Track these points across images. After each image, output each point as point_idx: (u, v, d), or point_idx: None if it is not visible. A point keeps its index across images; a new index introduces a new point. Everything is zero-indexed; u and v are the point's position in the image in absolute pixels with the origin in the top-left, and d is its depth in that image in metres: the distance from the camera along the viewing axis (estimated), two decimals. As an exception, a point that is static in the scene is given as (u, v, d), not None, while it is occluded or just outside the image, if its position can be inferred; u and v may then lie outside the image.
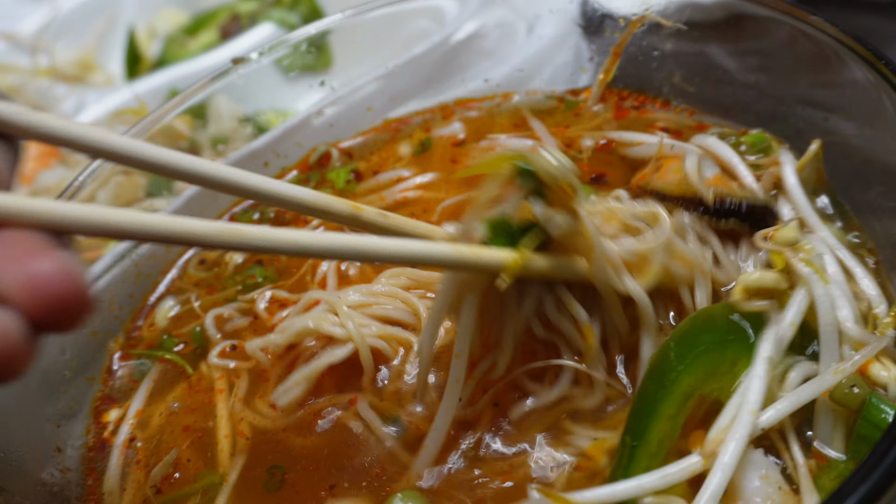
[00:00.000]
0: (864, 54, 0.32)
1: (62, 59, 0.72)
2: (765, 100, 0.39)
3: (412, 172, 0.42)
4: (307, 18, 0.69)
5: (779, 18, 0.36)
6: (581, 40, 0.52)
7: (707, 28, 0.42)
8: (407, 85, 0.49)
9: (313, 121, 0.48)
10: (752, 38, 0.38)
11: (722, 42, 0.40)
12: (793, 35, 0.35)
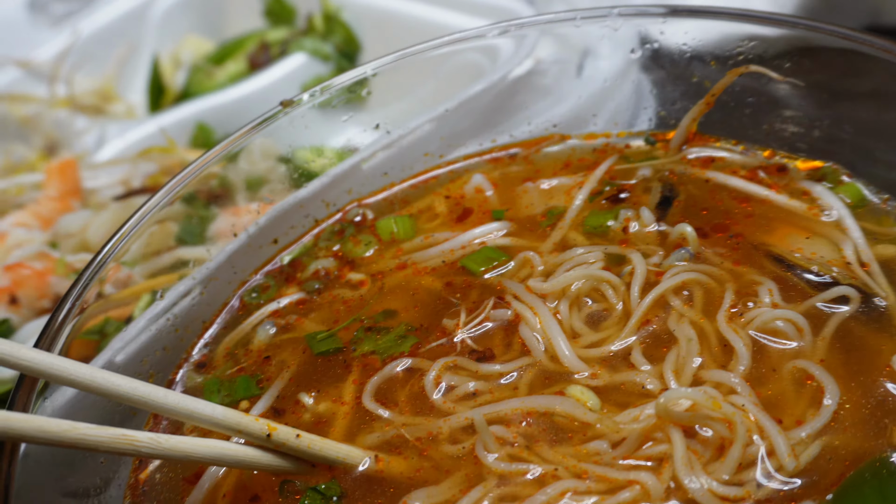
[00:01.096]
0: None
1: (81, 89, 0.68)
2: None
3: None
4: (341, 48, 0.65)
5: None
6: (641, 75, 0.48)
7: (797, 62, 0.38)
8: (463, 126, 0.46)
9: (363, 166, 0.44)
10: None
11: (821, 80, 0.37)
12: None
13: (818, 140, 0.37)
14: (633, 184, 0.39)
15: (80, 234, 0.50)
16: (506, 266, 0.37)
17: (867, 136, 0.35)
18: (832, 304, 0.32)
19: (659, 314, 0.33)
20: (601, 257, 0.36)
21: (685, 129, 0.39)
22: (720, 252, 0.35)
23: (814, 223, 0.35)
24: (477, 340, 0.34)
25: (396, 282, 0.38)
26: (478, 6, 0.57)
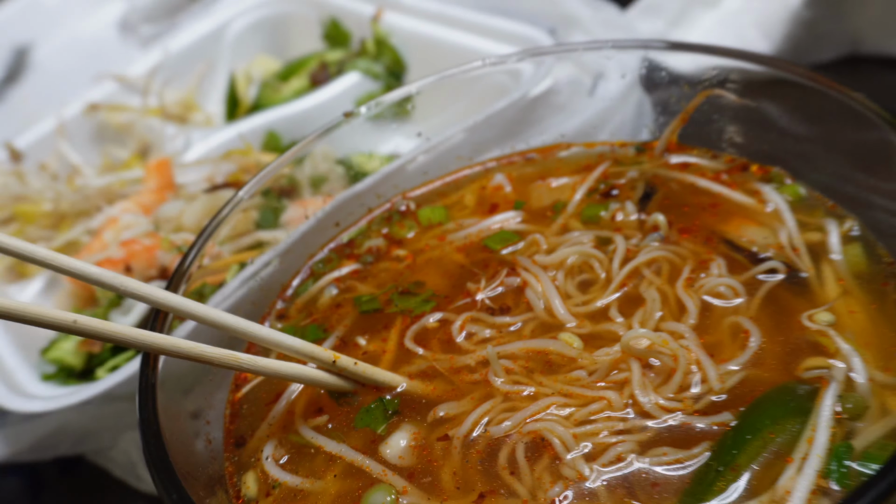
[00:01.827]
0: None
1: (168, 100, 0.79)
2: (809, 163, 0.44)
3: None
4: (390, 68, 0.75)
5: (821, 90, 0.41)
6: (644, 96, 0.57)
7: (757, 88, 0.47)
8: (489, 135, 0.56)
9: (407, 167, 0.54)
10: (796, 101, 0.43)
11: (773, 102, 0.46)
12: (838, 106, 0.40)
13: (768, 149, 0.46)
14: (622, 183, 0.49)
15: (176, 219, 0.61)
16: (518, 245, 0.47)
17: (803, 147, 0.44)
18: (765, 275, 0.41)
19: (633, 281, 0.43)
20: (592, 239, 0.45)
21: (666, 140, 0.49)
22: (685, 236, 0.44)
23: (761, 215, 0.45)
24: (493, 300, 0.44)
25: (432, 256, 0.49)
26: (505, 34, 0.66)
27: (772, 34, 0.67)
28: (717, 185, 0.46)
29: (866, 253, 0.41)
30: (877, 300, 0.39)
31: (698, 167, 0.48)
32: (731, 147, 0.47)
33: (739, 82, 0.45)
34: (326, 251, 0.51)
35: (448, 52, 0.71)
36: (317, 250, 0.50)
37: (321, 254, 0.50)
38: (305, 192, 0.63)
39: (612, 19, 0.71)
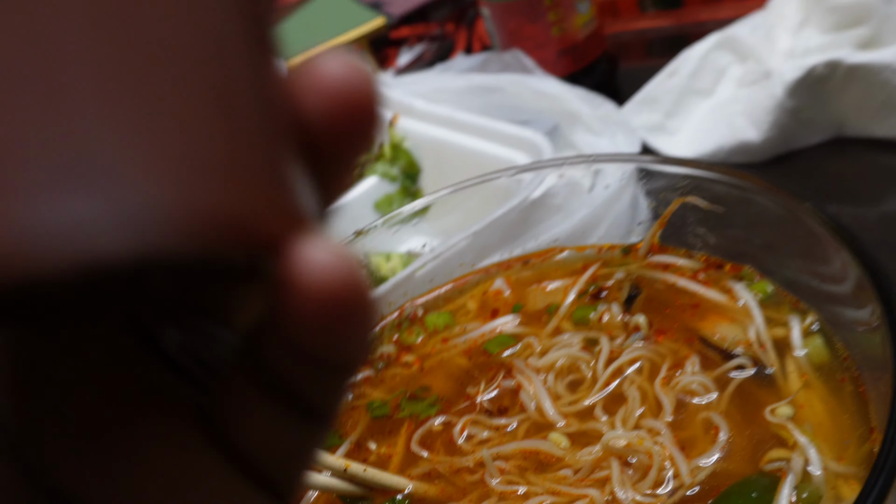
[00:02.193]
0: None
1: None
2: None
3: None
4: (405, 170, 0.81)
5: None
6: (639, 191, 0.62)
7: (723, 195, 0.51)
8: (491, 240, 0.61)
9: (416, 274, 0.59)
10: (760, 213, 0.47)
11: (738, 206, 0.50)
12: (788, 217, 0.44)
13: (738, 248, 0.50)
14: (610, 285, 0.53)
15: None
16: (514, 348, 0.51)
17: (769, 246, 0.48)
18: (735, 372, 0.45)
19: (616, 380, 0.47)
20: (581, 340, 0.50)
21: (649, 242, 0.53)
22: (665, 335, 0.48)
23: (734, 312, 0.49)
24: (491, 402, 0.48)
25: (438, 360, 0.53)
26: (509, 137, 0.72)
27: (760, 122, 0.72)
28: (695, 284, 0.50)
29: (826, 347, 0.44)
30: (834, 393, 0.42)
31: (678, 267, 0.52)
32: (706, 248, 0.51)
33: (708, 189, 0.50)
34: (343, 359, 0.55)
35: (458, 155, 0.76)
36: (334, 359, 0.55)
37: (338, 362, 0.55)
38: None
39: (610, 115, 0.75)
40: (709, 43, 0.82)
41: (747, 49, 0.80)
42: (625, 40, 1.00)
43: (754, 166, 0.73)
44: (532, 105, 0.79)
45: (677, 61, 0.81)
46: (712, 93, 0.80)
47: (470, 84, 0.80)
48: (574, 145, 0.78)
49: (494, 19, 0.83)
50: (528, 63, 0.80)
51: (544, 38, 0.82)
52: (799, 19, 0.80)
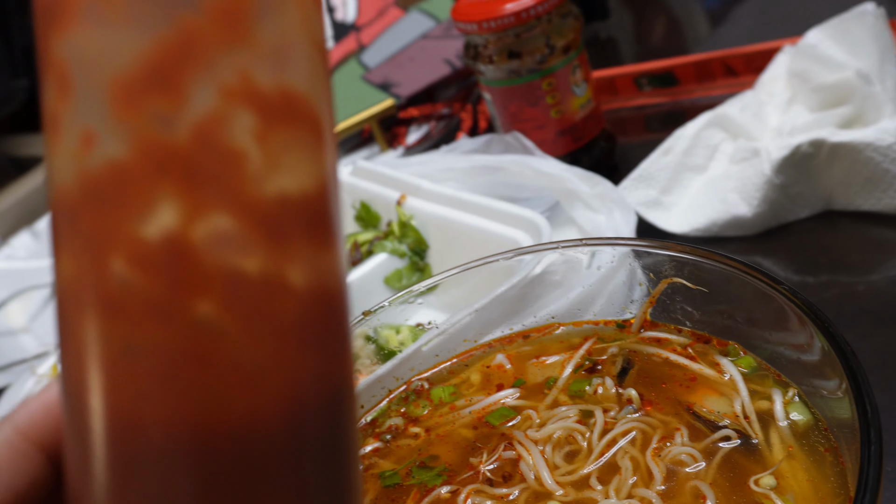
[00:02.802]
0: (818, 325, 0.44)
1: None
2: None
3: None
4: (413, 247, 0.85)
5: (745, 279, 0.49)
6: (636, 266, 0.65)
7: (706, 275, 0.54)
8: (492, 316, 0.64)
9: (422, 349, 0.62)
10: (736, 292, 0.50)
11: (720, 285, 0.53)
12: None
13: (723, 324, 0.53)
14: (604, 359, 0.56)
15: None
16: (515, 420, 0.54)
17: (751, 321, 0.51)
18: (721, 443, 0.48)
19: (610, 451, 0.49)
20: (577, 413, 0.53)
21: (640, 319, 0.56)
22: (656, 407, 0.51)
23: (721, 385, 0.51)
24: (493, 472, 0.51)
25: (443, 432, 0.56)
26: (510, 216, 0.75)
27: (751, 197, 0.75)
28: (684, 358, 0.53)
29: (806, 418, 0.47)
30: (816, 463, 0.45)
31: (668, 342, 0.55)
32: (693, 323, 0.54)
33: (694, 268, 0.53)
34: (353, 432, 0.58)
35: (463, 232, 0.79)
36: (344, 432, 0.58)
37: (348, 434, 0.58)
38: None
39: (608, 192, 0.79)
40: (701, 121, 0.86)
41: (738, 127, 0.84)
42: (622, 116, 1.04)
43: (747, 239, 0.77)
44: (533, 184, 0.83)
45: (671, 139, 0.85)
46: (705, 169, 0.84)
47: (474, 164, 0.85)
48: (574, 221, 0.81)
49: (495, 102, 0.88)
50: (528, 144, 0.84)
51: (544, 119, 0.86)
52: (786, 98, 0.84)
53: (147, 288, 0.18)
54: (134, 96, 0.17)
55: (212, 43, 0.18)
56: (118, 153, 0.17)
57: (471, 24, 0.83)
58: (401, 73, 1.15)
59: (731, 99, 0.88)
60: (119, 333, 0.18)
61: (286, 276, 0.19)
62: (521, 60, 0.84)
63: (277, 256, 0.19)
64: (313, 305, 0.20)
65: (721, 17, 1.25)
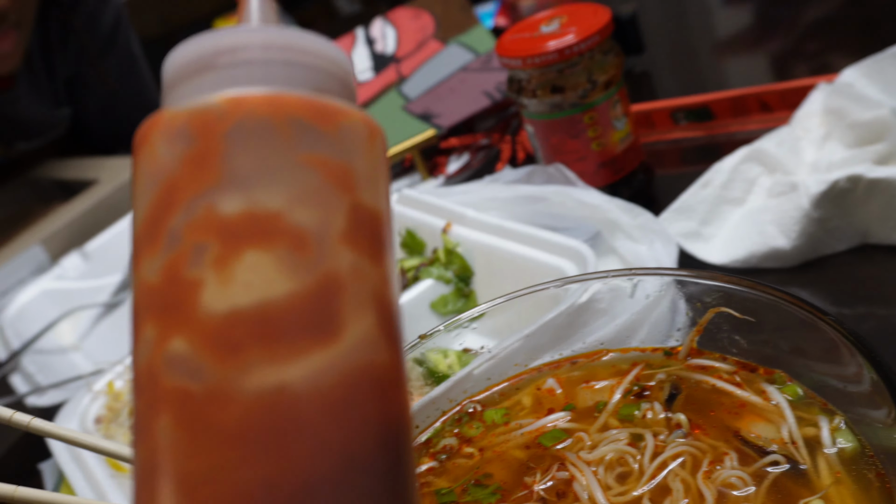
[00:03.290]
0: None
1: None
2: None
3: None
4: (458, 274, 0.87)
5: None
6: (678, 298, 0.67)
7: (752, 305, 0.56)
8: (541, 342, 0.66)
9: (474, 372, 0.65)
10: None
11: (767, 314, 0.55)
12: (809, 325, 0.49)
13: (769, 353, 0.55)
14: (652, 385, 0.59)
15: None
16: (566, 442, 0.57)
17: (797, 351, 0.54)
18: (769, 467, 0.50)
19: (661, 473, 0.52)
20: (627, 436, 0.55)
21: (687, 346, 0.59)
22: (704, 432, 0.53)
23: (767, 412, 0.54)
24: (546, 492, 0.53)
25: (496, 452, 0.58)
26: (553, 245, 0.78)
27: (789, 230, 0.77)
28: (731, 385, 0.55)
29: (853, 445, 0.49)
30: (863, 489, 0.47)
31: (715, 369, 0.57)
32: (739, 352, 0.56)
33: (739, 298, 0.55)
34: (409, 451, 0.61)
35: (508, 260, 0.82)
36: (401, 451, 0.61)
37: (405, 453, 0.61)
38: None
39: (648, 223, 0.82)
40: (739, 155, 0.88)
41: (775, 161, 0.86)
42: (660, 149, 1.07)
43: (785, 271, 0.79)
44: (575, 214, 0.85)
45: (710, 173, 0.87)
46: (744, 202, 0.86)
47: (517, 194, 0.87)
48: (615, 251, 0.84)
49: (538, 135, 0.91)
50: (570, 175, 0.87)
51: (585, 152, 0.89)
52: (822, 134, 0.86)
53: (136, 405, 0.21)
54: (139, 250, 0.22)
55: (185, 188, 0.21)
56: (133, 296, 0.22)
57: (515, 60, 0.86)
58: (441, 104, 1.19)
59: (768, 134, 0.90)
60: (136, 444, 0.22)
61: (230, 387, 0.20)
62: (563, 95, 0.87)
63: (223, 369, 0.20)
64: (261, 409, 0.21)
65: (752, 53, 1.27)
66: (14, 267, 1.21)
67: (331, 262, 0.21)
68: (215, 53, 0.22)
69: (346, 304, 0.22)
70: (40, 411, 0.91)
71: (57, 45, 1.53)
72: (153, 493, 0.21)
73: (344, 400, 0.22)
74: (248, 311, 0.20)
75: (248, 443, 0.20)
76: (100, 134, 1.68)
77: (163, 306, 0.20)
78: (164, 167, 0.21)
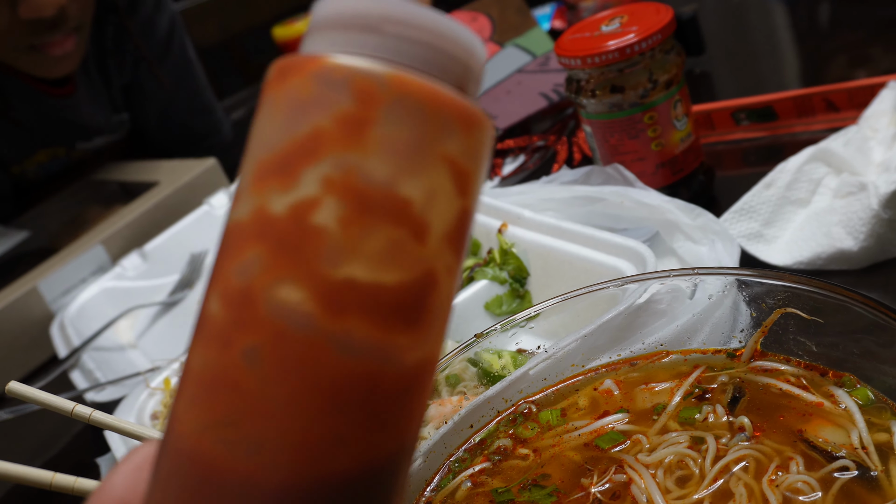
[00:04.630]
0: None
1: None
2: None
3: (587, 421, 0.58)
4: (513, 274, 0.86)
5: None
6: (739, 299, 0.65)
7: (821, 305, 0.54)
8: (599, 343, 0.65)
9: (529, 372, 0.64)
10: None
11: (835, 316, 0.53)
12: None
13: (837, 356, 0.53)
14: (714, 387, 0.57)
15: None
16: (624, 444, 0.55)
17: (868, 354, 0.51)
18: (839, 473, 0.48)
19: (723, 477, 0.50)
20: (687, 439, 0.53)
21: (751, 349, 0.57)
22: (768, 436, 0.52)
23: (835, 416, 0.51)
24: (603, 493, 0.52)
25: (553, 453, 0.57)
26: (611, 245, 0.76)
27: (857, 232, 0.74)
28: (797, 388, 0.54)
29: (928, 452, 0.47)
30: (938, 496, 0.45)
31: (780, 372, 0.55)
32: (806, 355, 0.54)
33: (805, 298, 0.53)
34: (462, 451, 0.60)
35: (564, 261, 0.80)
36: (454, 450, 0.60)
37: (458, 453, 0.60)
38: (443, 391, 0.74)
39: (709, 224, 0.80)
40: (804, 155, 0.86)
41: (842, 161, 0.83)
42: (720, 150, 1.04)
43: (851, 273, 0.76)
44: (633, 215, 0.84)
45: (773, 173, 0.85)
46: (808, 203, 0.83)
47: (574, 195, 0.86)
48: (674, 252, 0.82)
49: (596, 135, 0.89)
50: (628, 175, 0.85)
51: (644, 152, 0.87)
52: (892, 133, 0.83)
53: (221, 319, 0.22)
54: (263, 177, 0.22)
55: (331, 143, 0.22)
56: (241, 216, 0.22)
57: (574, 59, 0.85)
58: (497, 105, 1.18)
59: (834, 134, 0.87)
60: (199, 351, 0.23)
61: (330, 344, 0.22)
62: (623, 95, 0.85)
63: (329, 325, 0.21)
64: (352, 374, 0.22)
65: (815, 53, 1.24)
66: (76, 266, 1.23)
67: (436, 259, 0.22)
68: (383, 19, 0.22)
69: (436, 303, 0.23)
70: (99, 407, 0.93)
71: (112, 51, 1.55)
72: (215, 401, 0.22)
73: (412, 388, 0.23)
74: (364, 282, 0.21)
75: (340, 400, 0.22)
76: (158, 138, 1.71)
77: (281, 240, 0.21)
78: (315, 111, 0.22)
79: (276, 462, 0.21)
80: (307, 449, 0.21)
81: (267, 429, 0.21)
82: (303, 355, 0.21)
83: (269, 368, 0.21)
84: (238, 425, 0.21)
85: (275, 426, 0.21)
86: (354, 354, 0.21)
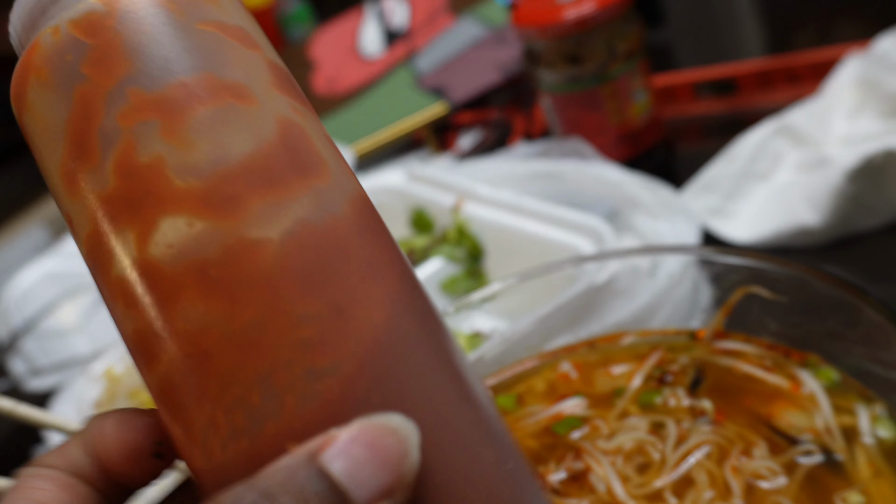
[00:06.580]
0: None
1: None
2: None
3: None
4: (469, 252, 0.84)
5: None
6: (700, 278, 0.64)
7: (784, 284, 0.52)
8: (556, 325, 0.63)
9: (485, 357, 0.61)
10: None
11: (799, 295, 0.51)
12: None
13: (801, 336, 0.51)
14: (675, 370, 0.55)
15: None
16: (582, 430, 0.53)
17: (832, 334, 0.50)
18: (803, 457, 0.46)
19: (684, 463, 0.48)
20: (648, 424, 0.51)
21: (713, 328, 0.55)
22: (730, 420, 0.50)
23: (799, 399, 0.50)
24: (560, 483, 0.50)
25: (507, 441, 0.55)
26: (569, 222, 0.74)
27: (819, 206, 0.73)
28: (760, 370, 0.52)
29: (894, 435, 0.45)
30: (905, 481, 0.43)
31: (742, 353, 0.53)
32: (769, 335, 0.53)
33: (768, 277, 0.51)
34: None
35: (521, 238, 0.78)
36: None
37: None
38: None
39: (670, 200, 0.78)
40: (765, 129, 0.84)
41: (804, 135, 0.82)
42: (681, 123, 1.02)
43: (815, 250, 0.75)
44: (592, 190, 0.81)
45: (735, 147, 0.83)
46: (770, 177, 0.82)
47: (531, 170, 0.83)
48: (634, 229, 0.80)
49: (555, 108, 0.87)
50: (587, 150, 0.83)
51: (603, 126, 0.85)
52: (854, 105, 0.82)
53: (152, 311, 0.20)
54: (72, 174, 0.21)
55: (99, 87, 0.21)
56: (82, 219, 0.21)
57: (531, 30, 0.82)
58: (453, 78, 1.15)
59: (796, 106, 0.86)
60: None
61: (249, 237, 0.20)
62: (582, 66, 0.82)
63: (233, 224, 0.20)
64: (294, 247, 0.21)
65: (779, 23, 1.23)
66: (16, 246, 1.18)
67: (278, 107, 0.21)
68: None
69: (315, 141, 0.22)
70: (38, 394, 0.89)
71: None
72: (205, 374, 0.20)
73: (360, 223, 0.22)
74: (231, 165, 0.20)
75: (296, 278, 0.20)
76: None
77: (131, 202, 0.20)
78: (66, 83, 0.20)
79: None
80: (309, 347, 0.20)
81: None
82: (240, 272, 0.19)
83: (220, 306, 0.20)
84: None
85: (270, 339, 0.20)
86: (282, 229, 0.20)
